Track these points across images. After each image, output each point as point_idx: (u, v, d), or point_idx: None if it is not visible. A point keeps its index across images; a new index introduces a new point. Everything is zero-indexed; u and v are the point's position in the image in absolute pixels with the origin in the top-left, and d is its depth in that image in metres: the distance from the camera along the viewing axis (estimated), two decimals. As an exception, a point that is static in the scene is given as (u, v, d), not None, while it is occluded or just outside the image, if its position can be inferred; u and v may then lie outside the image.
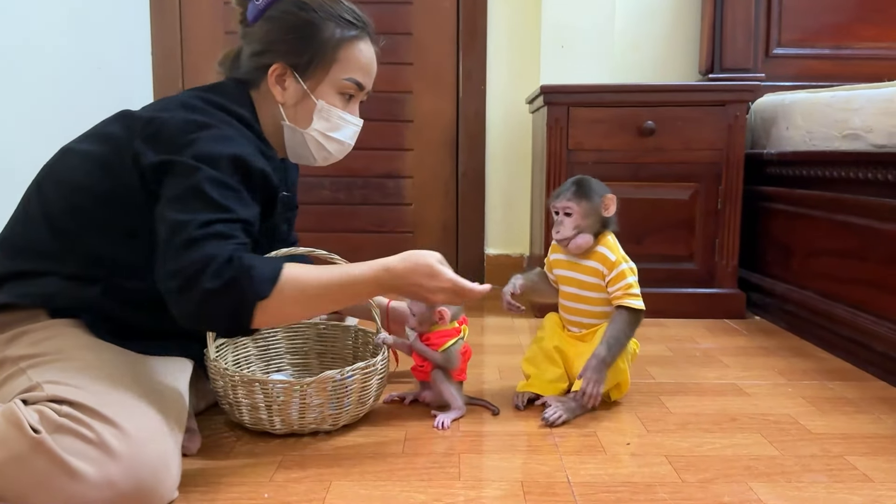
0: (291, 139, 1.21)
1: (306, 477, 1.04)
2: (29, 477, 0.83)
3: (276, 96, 1.17)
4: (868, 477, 1.05)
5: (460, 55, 2.51)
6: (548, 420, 1.22)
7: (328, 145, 1.22)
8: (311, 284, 1.02)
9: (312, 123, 1.19)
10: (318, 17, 1.15)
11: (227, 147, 1.02)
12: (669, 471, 1.07)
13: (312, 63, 1.16)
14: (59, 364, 0.96)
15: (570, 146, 2.02)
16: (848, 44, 2.35)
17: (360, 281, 1.05)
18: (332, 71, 1.17)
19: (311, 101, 1.18)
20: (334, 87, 1.19)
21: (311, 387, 1.13)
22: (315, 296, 1.03)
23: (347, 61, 1.18)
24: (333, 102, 1.19)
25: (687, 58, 2.47)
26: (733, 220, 2.03)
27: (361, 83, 1.21)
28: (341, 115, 1.21)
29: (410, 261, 1.08)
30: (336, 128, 1.21)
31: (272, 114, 1.19)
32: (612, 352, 1.25)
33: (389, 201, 2.59)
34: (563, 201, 1.29)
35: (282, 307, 0.99)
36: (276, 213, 1.16)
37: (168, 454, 0.93)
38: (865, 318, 1.58)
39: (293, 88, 1.17)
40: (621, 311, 1.27)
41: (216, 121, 1.05)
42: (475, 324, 1.99)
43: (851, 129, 1.69)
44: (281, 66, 1.15)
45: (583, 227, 1.29)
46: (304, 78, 1.16)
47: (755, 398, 1.39)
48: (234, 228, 0.98)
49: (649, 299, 2.02)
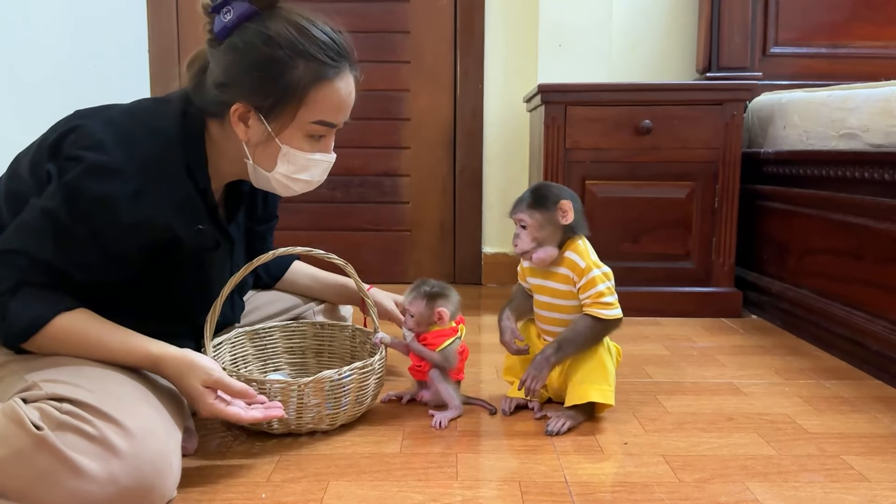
0: (254, 175, 1.12)
1: (303, 477, 1.04)
2: (31, 474, 0.83)
3: (239, 134, 1.06)
4: (864, 476, 1.05)
5: (458, 54, 2.51)
6: (551, 432, 1.20)
7: (294, 185, 1.13)
8: (72, 344, 0.98)
9: (277, 167, 1.09)
10: (284, 56, 1.02)
11: (100, 185, 0.95)
12: (666, 470, 1.07)
13: (277, 107, 1.04)
14: (54, 364, 0.96)
15: (568, 145, 2.02)
16: (845, 43, 2.35)
17: (124, 360, 1.00)
18: (299, 114, 1.05)
19: (275, 145, 1.07)
20: (302, 131, 1.07)
21: (309, 387, 1.12)
22: (78, 350, 0.99)
23: (317, 104, 1.05)
24: (300, 146, 1.08)
25: (684, 57, 2.47)
26: (730, 218, 2.03)
27: (334, 123, 1.10)
28: (309, 158, 1.10)
29: (179, 371, 1.01)
30: (303, 170, 1.11)
31: (235, 147, 1.09)
32: (560, 353, 1.22)
33: (387, 200, 2.59)
34: (518, 213, 1.25)
35: (40, 349, 0.98)
36: (193, 244, 1.08)
37: (169, 451, 0.93)
38: (861, 317, 1.59)
39: (257, 129, 1.06)
40: (585, 317, 1.23)
41: (122, 149, 0.98)
42: (472, 323, 1.99)
43: (848, 129, 1.70)
44: (243, 106, 1.04)
45: (541, 238, 1.24)
46: (269, 120, 1.05)
47: (752, 397, 1.39)
48: (36, 267, 0.96)
49: (646, 298, 2.05)
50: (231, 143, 1.09)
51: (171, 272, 1.09)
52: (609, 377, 1.24)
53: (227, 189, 1.21)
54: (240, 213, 1.24)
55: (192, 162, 1.06)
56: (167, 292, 1.11)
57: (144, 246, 1.02)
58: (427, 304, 1.26)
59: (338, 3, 2.46)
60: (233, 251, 1.21)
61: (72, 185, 0.95)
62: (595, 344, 1.25)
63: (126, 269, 1.03)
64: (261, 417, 1.06)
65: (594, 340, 1.24)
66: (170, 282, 1.10)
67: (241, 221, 1.26)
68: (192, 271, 1.12)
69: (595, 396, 1.22)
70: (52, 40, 2.49)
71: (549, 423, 1.22)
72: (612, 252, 1.26)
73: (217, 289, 1.16)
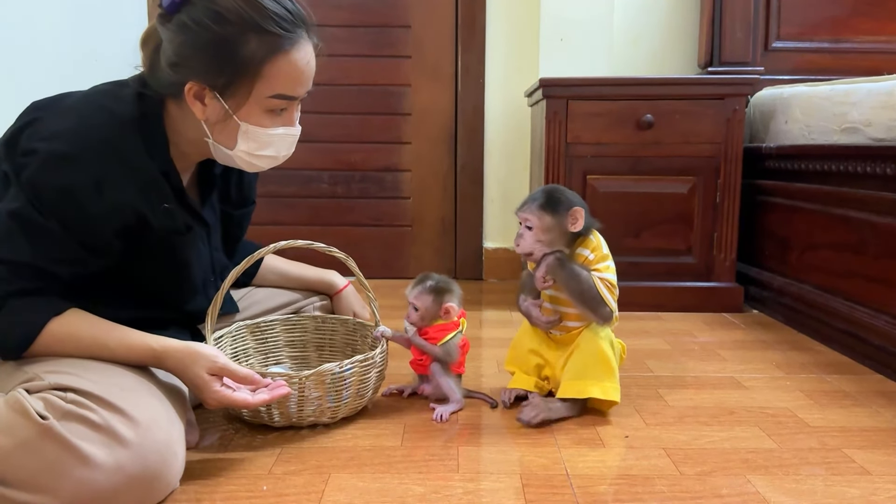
0: (217, 153, 1.10)
1: (305, 470, 1.04)
2: (38, 464, 0.83)
3: (197, 113, 1.04)
4: (866, 470, 1.05)
5: (459, 48, 2.50)
6: (520, 420, 1.20)
7: (258, 162, 1.10)
8: (70, 347, 0.97)
9: (238, 145, 1.06)
10: (234, 32, 0.98)
11: (60, 175, 0.94)
12: (668, 463, 1.07)
13: (232, 84, 1.01)
14: (54, 357, 0.96)
15: (569, 139, 2.01)
16: (847, 37, 2.35)
17: (124, 358, 1.00)
18: (255, 90, 1.02)
19: (234, 122, 1.04)
20: (260, 107, 1.04)
21: (310, 380, 1.12)
22: (77, 352, 0.98)
23: (273, 78, 1.02)
24: (260, 122, 1.05)
25: (686, 51, 2.47)
26: (731, 213, 2.03)
27: (294, 96, 1.06)
28: (270, 133, 1.07)
29: (183, 363, 1.01)
30: (265, 146, 1.08)
31: (195, 126, 1.07)
32: (571, 270, 1.20)
33: (388, 195, 2.59)
34: (526, 212, 1.23)
35: (40, 356, 0.97)
36: (164, 227, 1.07)
37: (174, 440, 0.93)
38: (863, 312, 1.59)
39: (213, 107, 1.03)
40: None
41: (78, 137, 0.97)
42: (473, 317, 1.99)
43: (850, 123, 1.69)
44: (197, 85, 1.01)
45: (545, 241, 1.22)
46: (225, 98, 1.02)
47: (753, 391, 1.39)
48: (18, 273, 0.94)
49: (647, 293, 2.05)
50: (190, 122, 1.06)
51: (147, 258, 1.08)
52: (613, 374, 1.22)
53: (198, 172, 1.19)
54: (212, 196, 1.22)
55: (151, 144, 1.04)
56: (149, 280, 1.10)
57: (118, 231, 1.01)
58: (435, 300, 1.25)
59: (339, -3, 2.46)
60: (209, 235, 1.20)
61: (32, 180, 0.94)
62: (585, 302, 1.21)
63: (106, 258, 1.02)
64: (269, 399, 1.06)
65: (588, 294, 1.20)
66: (148, 268, 1.09)
67: (215, 205, 1.24)
68: (169, 255, 1.10)
69: (596, 393, 1.21)
70: (53, 36, 2.49)
71: (523, 411, 1.21)
72: (613, 247, 1.26)
73: (199, 273, 1.16)
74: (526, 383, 1.31)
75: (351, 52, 2.49)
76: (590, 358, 1.23)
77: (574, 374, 1.23)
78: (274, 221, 2.57)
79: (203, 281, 1.20)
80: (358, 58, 2.50)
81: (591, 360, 1.22)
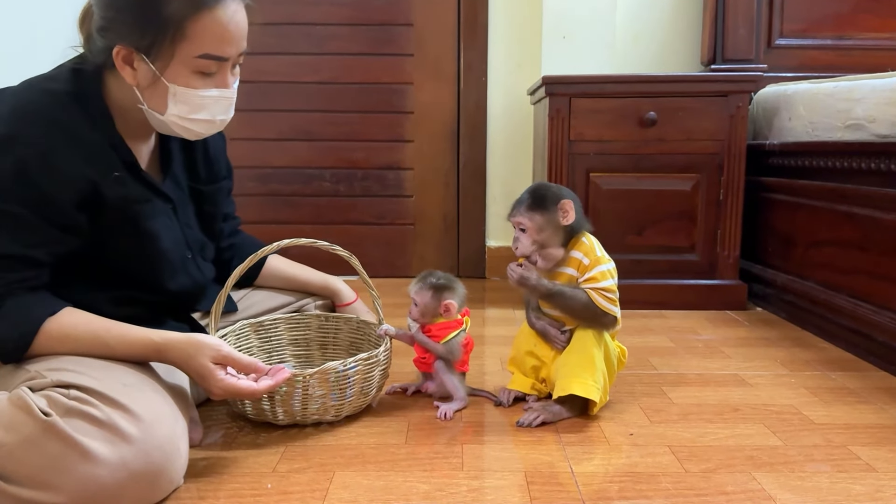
0: (154, 121, 1.08)
1: (309, 467, 1.04)
2: (42, 460, 0.83)
3: (127, 79, 1.02)
4: (871, 466, 1.05)
5: (461, 46, 2.50)
6: (521, 424, 1.19)
7: (194, 126, 1.07)
8: (68, 346, 0.98)
9: (169, 109, 1.04)
10: None
11: (6, 157, 0.94)
12: (672, 461, 1.07)
13: (156, 44, 0.99)
14: (55, 356, 0.96)
15: (572, 137, 2.01)
16: (850, 34, 2.34)
17: (125, 354, 1.00)
18: (181, 50, 1.00)
19: (162, 84, 1.02)
20: (188, 67, 1.02)
21: (314, 378, 1.12)
22: (77, 351, 0.98)
23: (198, 37, 0.99)
24: (190, 83, 1.03)
25: (689, 48, 2.46)
26: (735, 211, 2.02)
27: (222, 56, 1.03)
28: (201, 95, 1.04)
29: (186, 353, 1.01)
30: (198, 109, 1.05)
31: (131, 95, 1.05)
32: (554, 289, 1.20)
33: (390, 193, 2.59)
34: (516, 216, 1.22)
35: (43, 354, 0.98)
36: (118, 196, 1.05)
37: (177, 436, 0.93)
38: (867, 309, 1.58)
39: (143, 70, 1.01)
40: (583, 291, 1.21)
41: (19, 117, 0.98)
42: (476, 316, 1.99)
43: (854, 120, 1.69)
44: (125, 48, 1.00)
45: (541, 240, 1.21)
46: (152, 60, 1.00)
47: (757, 388, 1.39)
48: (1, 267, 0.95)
49: (650, 290, 2.05)
50: (126, 91, 1.05)
51: (116, 233, 1.06)
52: (595, 372, 1.20)
53: (159, 147, 1.18)
54: (173, 170, 1.19)
55: (92, 116, 1.03)
56: (122, 257, 1.08)
57: (78, 203, 1.00)
58: (434, 296, 1.25)
59: (341, -5, 2.45)
60: (176, 211, 1.17)
61: None
62: (586, 319, 1.22)
63: (77, 234, 1.02)
64: (274, 384, 1.06)
65: (585, 313, 1.21)
66: (119, 244, 1.07)
67: (182, 181, 1.21)
68: (132, 227, 1.08)
69: (577, 390, 1.19)
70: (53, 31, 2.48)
71: (524, 415, 1.21)
72: (616, 244, 1.25)
73: (171, 247, 1.13)
74: (523, 385, 1.31)
75: (353, 50, 2.48)
76: (575, 357, 1.22)
77: (562, 373, 1.22)
78: (276, 220, 2.57)
79: (180, 258, 1.17)
80: (360, 56, 2.49)
81: (576, 358, 1.21)
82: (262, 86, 2.50)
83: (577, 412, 1.23)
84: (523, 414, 1.22)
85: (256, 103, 2.51)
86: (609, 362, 1.24)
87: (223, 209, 1.33)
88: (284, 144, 2.54)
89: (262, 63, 2.47)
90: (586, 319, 1.22)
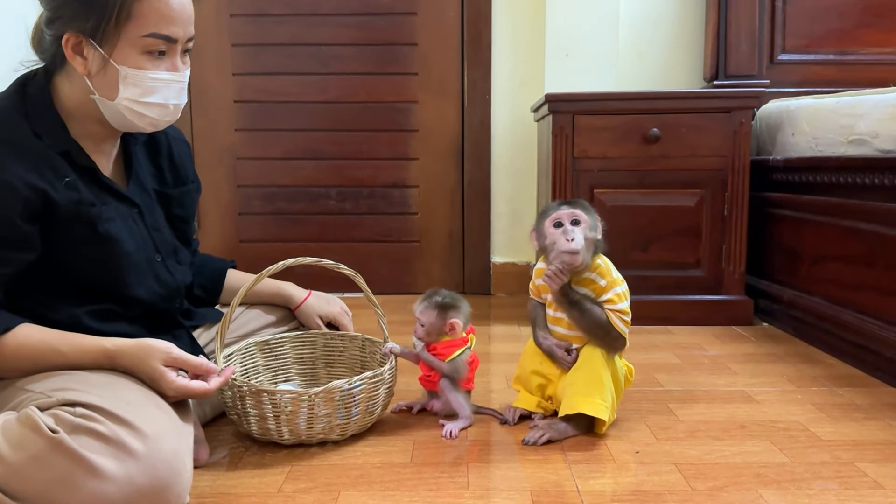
0: (107, 111, 1.07)
1: (314, 487, 1.04)
2: (50, 477, 0.83)
3: (79, 69, 1.02)
4: (879, 484, 1.04)
5: (465, 65, 2.52)
6: (527, 442, 1.19)
7: (148, 112, 1.06)
8: (26, 360, 0.99)
9: (120, 93, 1.03)
10: None
11: None
12: (679, 479, 1.06)
13: (101, 25, 0.99)
14: (57, 374, 0.97)
15: (576, 154, 2.02)
16: (852, 49, 2.35)
17: (79, 362, 1.01)
18: (127, 30, 1.00)
19: (112, 68, 1.02)
20: (136, 48, 1.01)
21: (319, 397, 1.13)
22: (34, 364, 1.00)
23: (144, 16, 1.00)
24: (139, 65, 1.02)
25: (691, 65, 2.48)
26: (740, 226, 2.02)
27: (170, 36, 1.03)
28: (152, 77, 1.04)
29: (137, 357, 1.01)
30: (150, 92, 1.05)
31: (84, 92, 1.05)
32: (576, 296, 1.21)
33: (395, 211, 2.60)
34: (576, 207, 1.22)
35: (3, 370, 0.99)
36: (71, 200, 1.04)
37: (182, 451, 0.94)
38: (873, 324, 1.58)
39: (93, 57, 1.02)
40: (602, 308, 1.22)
41: None
42: (482, 333, 1.99)
43: (857, 135, 1.69)
44: (73, 36, 1.00)
45: (591, 239, 1.22)
46: (99, 43, 1.00)
47: (764, 405, 1.38)
48: None
49: (656, 307, 2.05)
50: (78, 90, 1.05)
51: (75, 242, 1.05)
52: (604, 391, 1.20)
53: (122, 152, 1.18)
54: (136, 174, 1.18)
55: (41, 125, 1.04)
56: (83, 264, 1.07)
57: (26, 216, 0.99)
58: (439, 315, 1.26)
59: (346, 16, 2.47)
60: (143, 215, 1.16)
61: None
62: (597, 337, 1.22)
63: (30, 250, 1.01)
64: (222, 382, 1.07)
65: (599, 331, 1.21)
66: (79, 252, 1.06)
67: (147, 185, 1.20)
68: (91, 231, 1.07)
69: (585, 408, 1.18)
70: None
71: (529, 433, 1.21)
72: (621, 260, 1.25)
73: (134, 250, 1.12)
74: (529, 403, 1.30)
75: (358, 69, 2.51)
76: (583, 375, 1.22)
77: (569, 391, 1.22)
78: (282, 238, 2.58)
79: (147, 260, 1.15)
80: (365, 75, 2.52)
81: (584, 376, 1.21)
82: (269, 105, 2.52)
83: (583, 430, 1.23)
84: (529, 432, 1.22)
85: (263, 123, 2.53)
86: (616, 381, 1.24)
87: (193, 214, 1.32)
88: (291, 163, 2.56)
89: (269, 83, 2.50)
90: (598, 337, 1.22)
